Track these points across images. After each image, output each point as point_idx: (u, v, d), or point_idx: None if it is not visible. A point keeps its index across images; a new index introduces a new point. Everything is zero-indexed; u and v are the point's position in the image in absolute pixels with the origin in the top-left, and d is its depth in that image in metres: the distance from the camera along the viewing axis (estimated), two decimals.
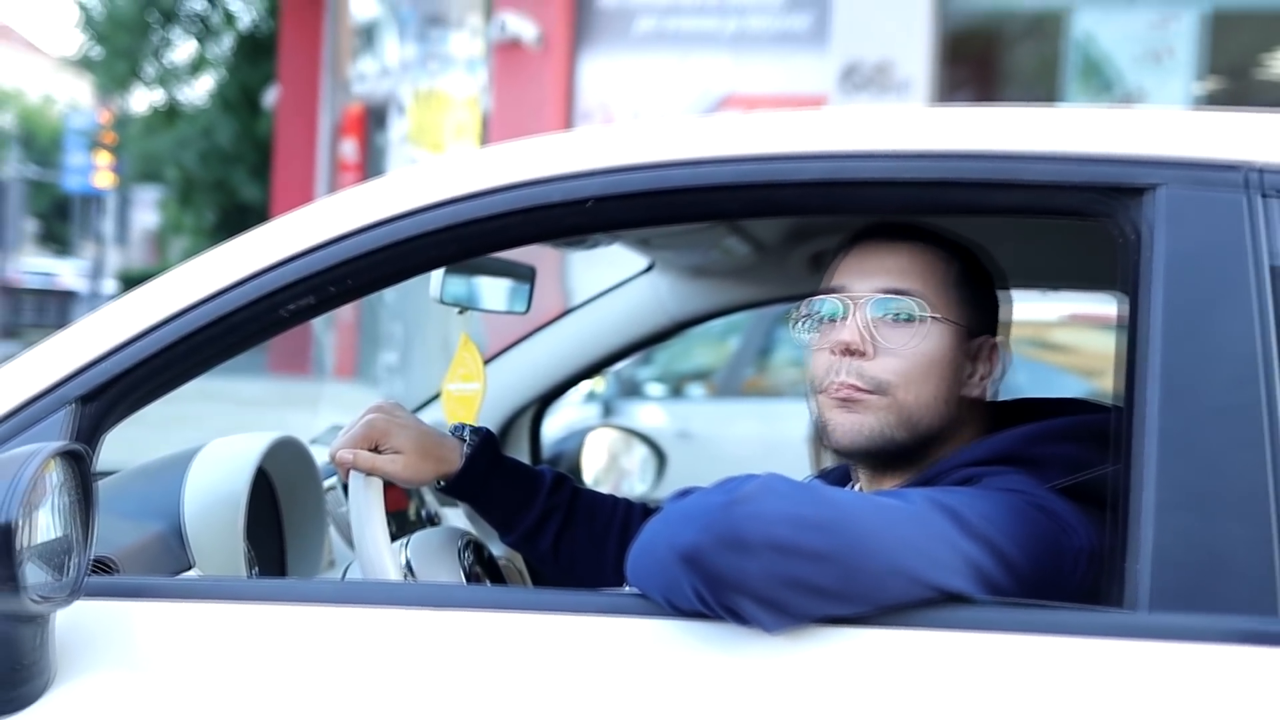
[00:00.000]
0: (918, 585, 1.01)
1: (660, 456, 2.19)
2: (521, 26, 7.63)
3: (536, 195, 1.19)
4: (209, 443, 1.51)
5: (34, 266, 25.73)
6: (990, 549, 1.07)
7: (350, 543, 1.47)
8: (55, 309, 20.68)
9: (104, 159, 19.44)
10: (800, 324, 1.32)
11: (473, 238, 1.23)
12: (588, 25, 8.05)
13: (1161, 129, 1.18)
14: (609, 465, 2.12)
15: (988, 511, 1.10)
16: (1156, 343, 1.07)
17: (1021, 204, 1.21)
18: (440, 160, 1.31)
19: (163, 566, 1.41)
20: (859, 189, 1.20)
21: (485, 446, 1.46)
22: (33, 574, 1.00)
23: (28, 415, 1.15)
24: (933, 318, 1.25)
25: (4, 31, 40.92)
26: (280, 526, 1.66)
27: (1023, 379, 4.34)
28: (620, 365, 2.14)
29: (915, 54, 7.21)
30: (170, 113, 19.30)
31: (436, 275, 1.61)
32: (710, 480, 1.12)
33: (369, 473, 1.33)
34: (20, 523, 0.98)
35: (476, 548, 1.50)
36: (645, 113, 7.69)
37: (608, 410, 5.11)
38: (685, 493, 1.07)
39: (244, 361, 1.29)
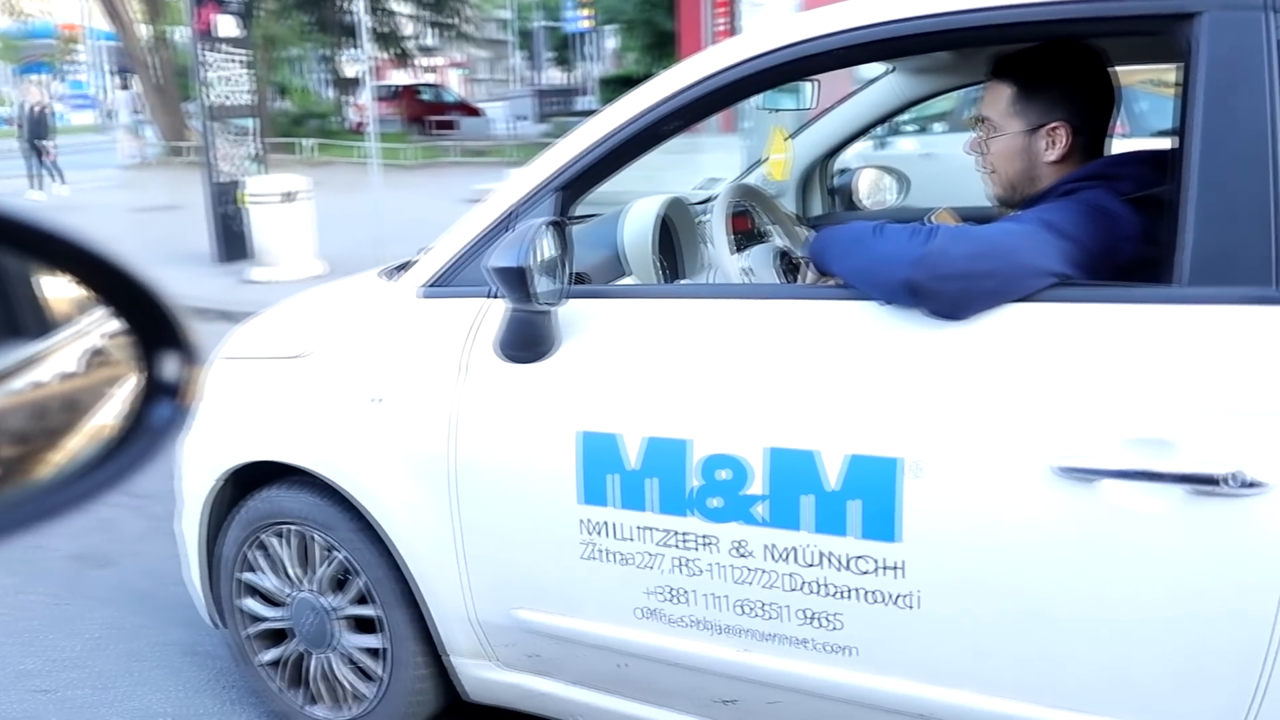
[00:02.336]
0: (1044, 277, 1.53)
1: (904, 180, 2.87)
2: None
3: (814, 47, 1.73)
4: (633, 202, 2.30)
5: (552, 79, 44.42)
6: (1074, 242, 1.56)
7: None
8: (566, 101, 32.85)
9: (585, 12, 33.79)
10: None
11: (780, 74, 1.79)
12: None
13: None
14: (871, 190, 2.82)
15: (1069, 218, 1.59)
16: (1194, 118, 1.46)
17: (1121, 29, 1.62)
18: (742, 36, 1.83)
19: (612, 275, 2.21)
20: (1012, 27, 1.64)
21: None
22: (543, 285, 1.71)
23: (533, 198, 1.89)
24: (996, 134, 1.84)
25: None
26: (677, 248, 2.43)
27: (1145, 106, 6.29)
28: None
29: None
30: None
31: None
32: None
33: None
34: (530, 265, 1.65)
35: (785, 256, 2.19)
36: None
37: (881, 144, 7.85)
38: (879, 229, 1.63)
39: None
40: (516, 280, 1.67)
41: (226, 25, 9.02)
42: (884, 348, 1.61)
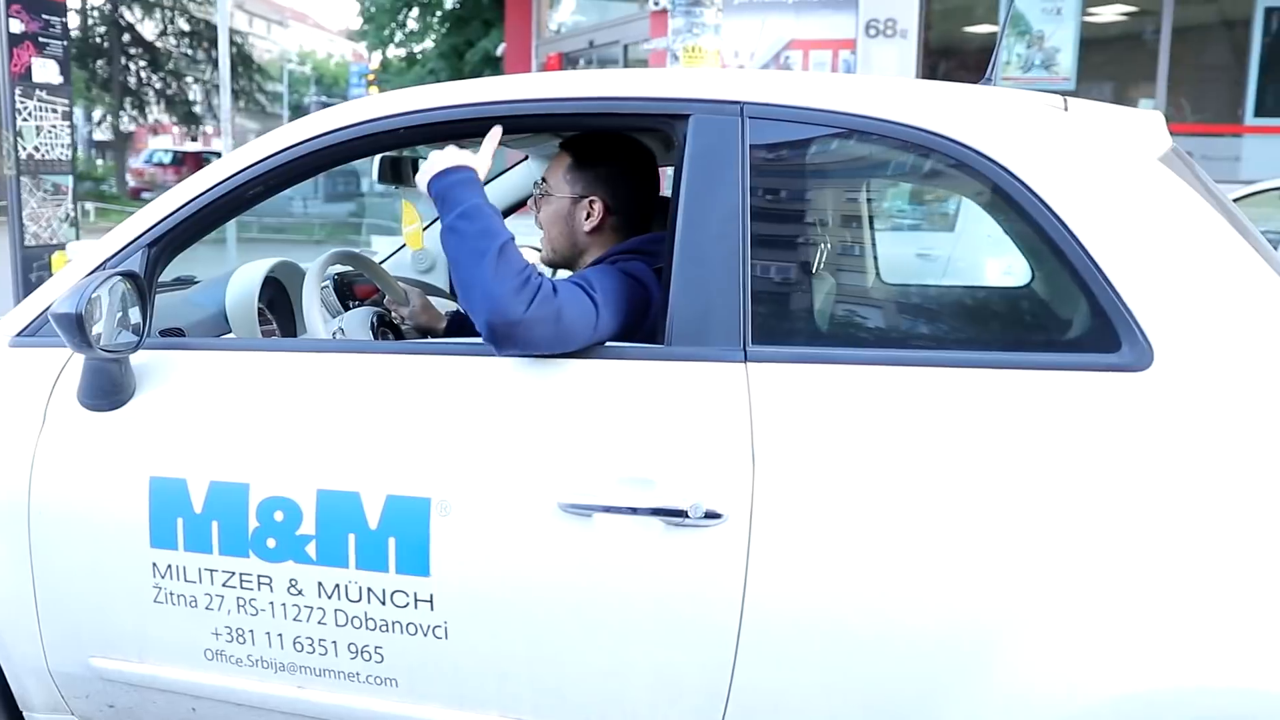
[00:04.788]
0: (594, 338, 1.67)
1: None
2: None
3: (374, 127, 1.85)
4: (242, 264, 2.35)
5: None
6: (616, 309, 1.72)
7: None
8: (356, 181, 30.71)
9: (372, 92, 31.32)
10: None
11: (349, 150, 1.88)
12: None
13: (695, 81, 1.74)
14: None
15: (611, 285, 1.75)
16: (681, 202, 1.66)
17: (633, 125, 1.85)
18: (316, 114, 1.90)
19: (216, 334, 2.26)
20: (550, 117, 1.83)
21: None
22: (109, 334, 1.73)
23: (123, 254, 1.91)
24: (548, 195, 2.01)
25: (300, 15, 63.15)
26: (291, 309, 2.48)
27: None
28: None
29: (910, 14, 10.50)
30: (410, 61, 28.28)
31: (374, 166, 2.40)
32: None
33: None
34: (85, 314, 1.65)
35: (383, 319, 2.28)
36: (742, 53, 10.88)
37: None
38: (502, 250, 1.64)
39: None
40: (74, 326, 1.68)
41: (46, 70, 7.83)
42: (421, 396, 1.72)
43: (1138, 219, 1.53)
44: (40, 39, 7.80)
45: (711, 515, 1.55)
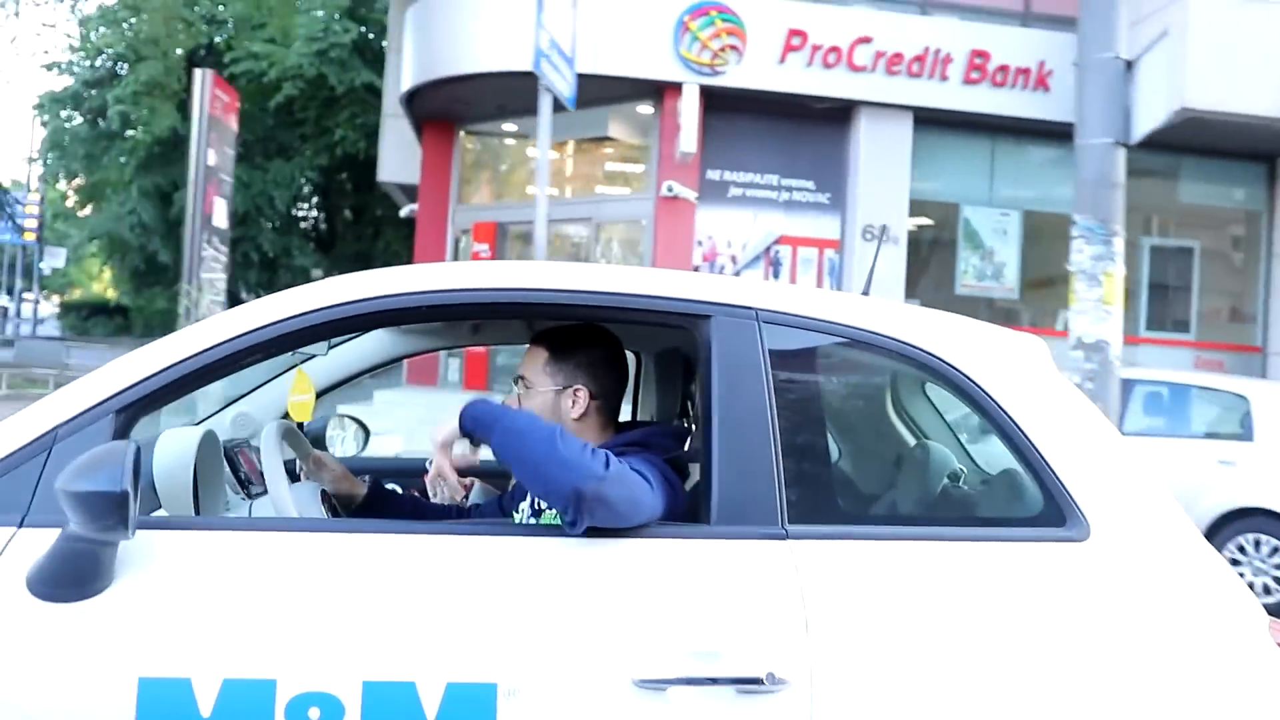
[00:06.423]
0: (656, 510, 1.76)
1: (365, 430, 3.14)
2: (682, 190, 11.60)
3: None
4: (162, 432, 2.10)
5: None
6: (660, 487, 1.82)
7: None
8: None
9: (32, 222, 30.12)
10: None
11: (390, 318, 1.91)
12: (703, 190, 11.85)
13: (716, 286, 1.95)
14: (336, 435, 2.99)
15: (649, 469, 1.84)
16: (714, 394, 1.84)
17: (656, 320, 1.98)
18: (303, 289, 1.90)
19: (142, 509, 1.98)
20: (574, 308, 1.98)
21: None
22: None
23: (84, 419, 1.68)
24: (530, 390, 2.10)
25: None
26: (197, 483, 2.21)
27: None
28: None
29: (899, 220, 11.74)
30: (92, 193, 27.48)
31: None
32: None
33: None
34: (131, 489, 1.46)
35: (326, 495, 2.17)
36: (735, 243, 11.96)
37: None
38: (561, 432, 1.72)
39: None
40: (109, 507, 1.46)
41: (220, 212, 6.21)
42: (480, 578, 1.69)
43: (1067, 420, 1.95)
44: (220, 173, 5.98)
45: (780, 681, 1.67)
